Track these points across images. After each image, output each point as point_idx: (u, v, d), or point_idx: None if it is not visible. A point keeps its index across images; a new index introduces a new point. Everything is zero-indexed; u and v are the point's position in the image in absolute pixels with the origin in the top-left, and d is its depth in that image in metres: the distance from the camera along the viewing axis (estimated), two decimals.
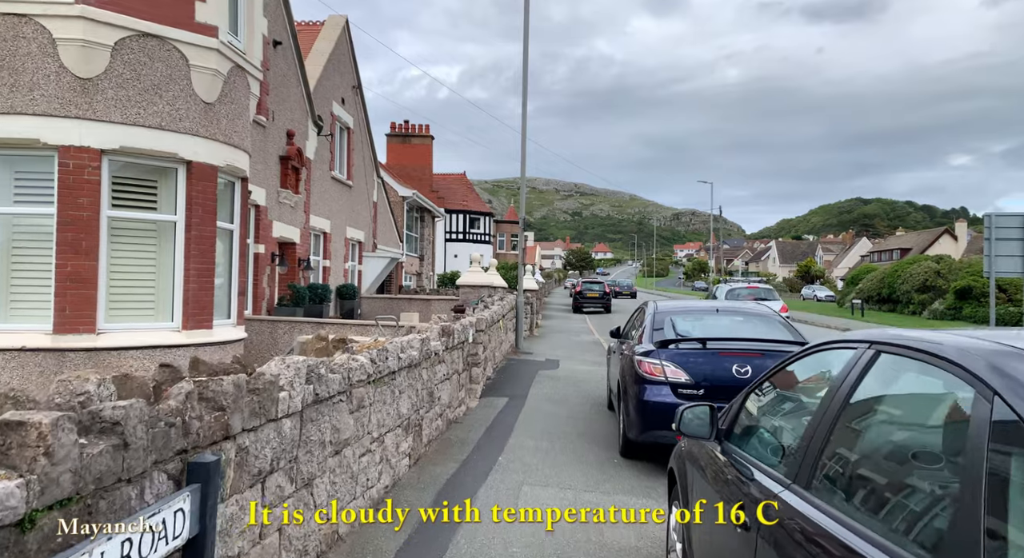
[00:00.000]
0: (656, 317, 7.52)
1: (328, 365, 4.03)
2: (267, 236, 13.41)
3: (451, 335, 8.00)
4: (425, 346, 6.52)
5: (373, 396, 4.98)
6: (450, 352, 8.12)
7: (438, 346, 7.21)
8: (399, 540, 4.60)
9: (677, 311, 7.82)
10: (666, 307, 7.93)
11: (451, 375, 8.15)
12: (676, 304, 8.37)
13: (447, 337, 7.79)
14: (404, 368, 5.81)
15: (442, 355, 7.58)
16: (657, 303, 8.13)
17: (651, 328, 7.30)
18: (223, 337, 9.05)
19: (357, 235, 20.92)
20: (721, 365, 6.50)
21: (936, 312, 33.88)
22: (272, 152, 13.61)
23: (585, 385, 12.04)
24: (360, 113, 21.36)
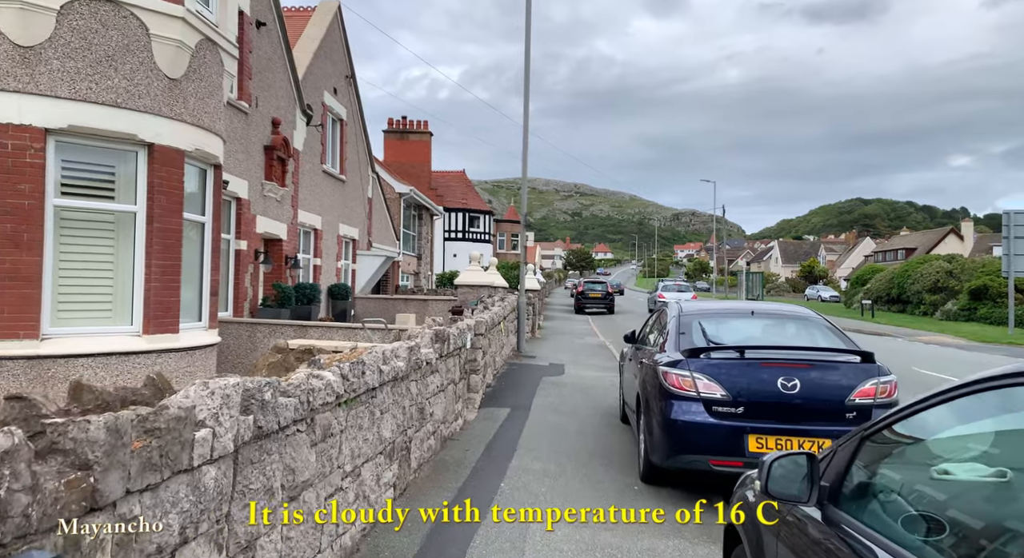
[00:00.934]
0: (682, 321, 6.55)
1: (277, 387, 3.06)
2: (250, 232, 12.43)
3: (446, 341, 7.02)
4: (414, 355, 5.55)
5: (345, 421, 4.01)
6: (445, 360, 7.15)
7: (430, 354, 6.23)
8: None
9: (705, 313, 6.85)
10: (692, 309, 6.95)
11: (446, 386, 7.18)
12: (703, 305, 7.39)
13: (441, 343, 6.81)
14: (388, 382, 4.84)
15: (435, 364, 6.61)
16: (681, 304, 7.16)
17: (677, 334, 6.33)
18: (191, 342, 8.07)
19: (351, 232, 19.95)
20: (763, 378, 5.53)
21: (949, 313, 32.93)
22: (255, 141, 12.65)
23: (593, 393, 11.06)
24: (354, 105, 20.39)
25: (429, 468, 6.27)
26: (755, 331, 6.55)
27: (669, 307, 7.38)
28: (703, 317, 6.67)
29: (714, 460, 5.45)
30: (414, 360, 5.54)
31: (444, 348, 6.94)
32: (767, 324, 6.69)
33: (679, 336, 6.29)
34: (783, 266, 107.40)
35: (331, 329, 10.26)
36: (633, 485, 6.14)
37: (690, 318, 6.60)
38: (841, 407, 5.41)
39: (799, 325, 6.56)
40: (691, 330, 6.35)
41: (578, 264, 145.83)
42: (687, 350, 5.85)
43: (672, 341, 6.27)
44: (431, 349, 6.34)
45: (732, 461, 5.40)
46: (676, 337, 6.29)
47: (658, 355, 6.30)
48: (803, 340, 6.26)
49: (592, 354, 17.20)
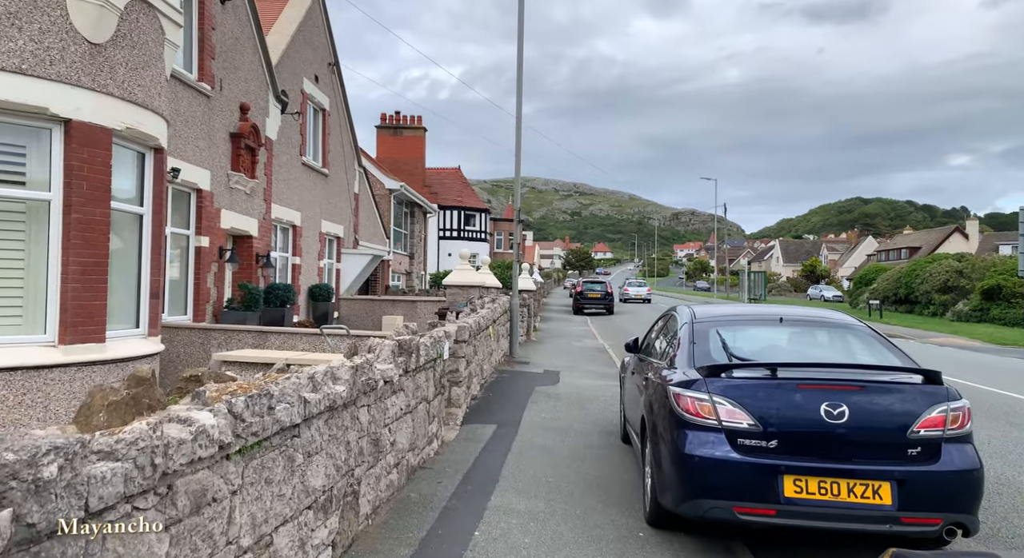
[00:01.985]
0: (696, 329, 5.42)
1: (81, 450, 1.92)
2: (213, 227, 11.29)
3: (414, 353, 5.89)
4: (363, 375, 4.42)
5: (241, 477, 2.88)
6: (413, 376, 6.01)
7: (390, 371, 5.10)
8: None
9: (724, 320, 5.71)
10: (707, 314, 5.81)
11: (415, 406, 6.04)
12: (719, 310, 6.24)
13: (407, 356, 5.68)
14: (319, 415, 3.71)
15: (399, 382, 5.48)
16: (694, 308, 6.02)
17: (690, 345, 5.20)
18: (123, 353, 6.94)
19: (335, 229, 18.82)
20: (802, 403, 4.40)
21: (960, 313, 31.81)
22: (219, 128, 11.50)
23: (591, 406, 9.94)
24: (338, 95, 19.25)
25: (388, 511, 5.13)
26: (786, 342, 5.42)
27: (679, 311, 6.25)
28: (721, 324, 5.53)
29: (740, 507, 4.32)
30: (363, 381, 4.41)
31: (411, 362, 5.81)
32: (800, 334, 5.56)
33: (693, 348, 5.16)
34: (784, 265, 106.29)
35: (294, 336, 9.12)
36: (638, 531, 5.01)
37: (706, 326, 5.47)
38: (902, 441, 4.28)
39: (839, 335, 5.43)
40: (708, 341, 5.22)
41: (577, 264, 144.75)
42: (705, 367, 4.72)
43: (685, 354, 5.14)
44: (391, 365, 5.20)
45: (763, 509, 4.28)
46: (689, 349, 5.16)
47: (668, 372, 5.17)
48: (847, 354, 5.13)
49: (590, 359, 16.07)
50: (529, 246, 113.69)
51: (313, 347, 8.94)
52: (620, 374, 8.34)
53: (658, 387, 5.18)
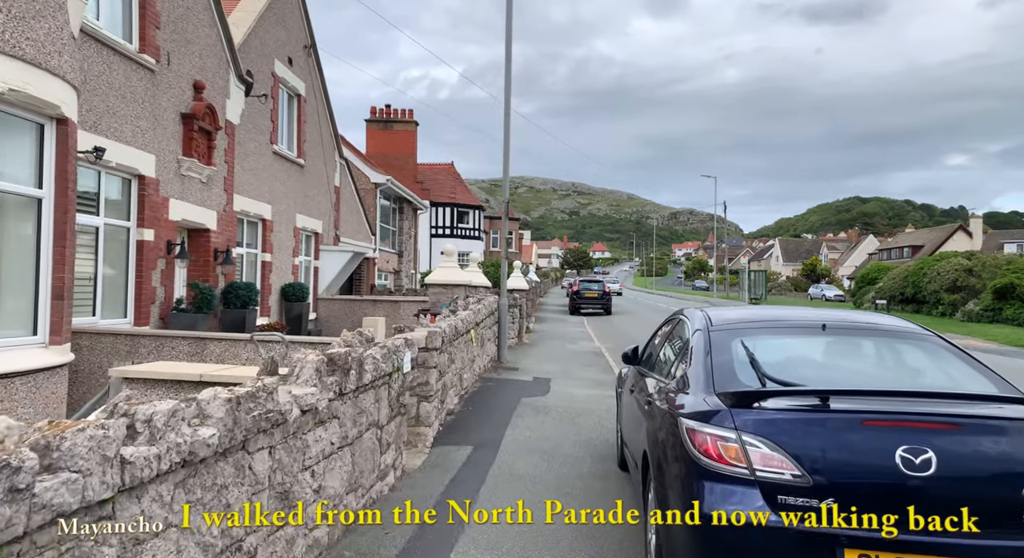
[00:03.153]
0: (714, 339, 4.16)
1: None
2: (159, 218, 10.02)
3: (353, 369, 4.63)
4: (253, 409, 3.16)
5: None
6: (355, 398, 4.76)
7: (311, 397, 3.85)
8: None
9: (749, 327, 4.42)
10: (726, 319, 4.54)
11: (356, 436, 4.79)
12: (740, 314, 4.96)
13: (342, 375, 4.42)
14: (163, 476, 2.46)
15: (329, 408, 4.22)
16: (708, 312, 4.74)
17: (707, 361, 3.94)
18: (13, 366, 5.68)
19: (312, 225, 17.55)
20: (868, 446, 3.16)
21: (971, 314, 30.62)
22: (167, 107, 10.23)
23: (584, 421, 8.68)
24: (316, 80, 17.98)
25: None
26: (832, 357, 4.17)
27: (688, 316, 4.98)
28: (746, 333, 4.26)
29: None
30: (255, 417, 3.15)
31: (349, 381, 4.55)
32: (849, 345, 4.28)
33: (711, 365, 3.90)
34: (784, 264, 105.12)
35: (237, 343, 7.84)
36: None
37: (726, 334, 4.21)
38: (1016, 503, 3.04)
39: (904, 347, 4.17)
40: (730, 355, 3.96)
41: (575, 263, 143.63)
42: (730, 393, 3.47)
43: (700, 373, 3.88)
44: (314, 388, 3.95)
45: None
46: (706, 367, 3.90)
47: (678, 396, 3.92)
48: (919, 375, 3.89)
49: (586, 364, 14.83)
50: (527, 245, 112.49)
51: (259, 356, 7.67)
52: (617, 388, 7.09)
53: (665, 416, 3.93)
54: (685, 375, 4.07)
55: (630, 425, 5.57)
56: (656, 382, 4.78)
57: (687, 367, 4.14)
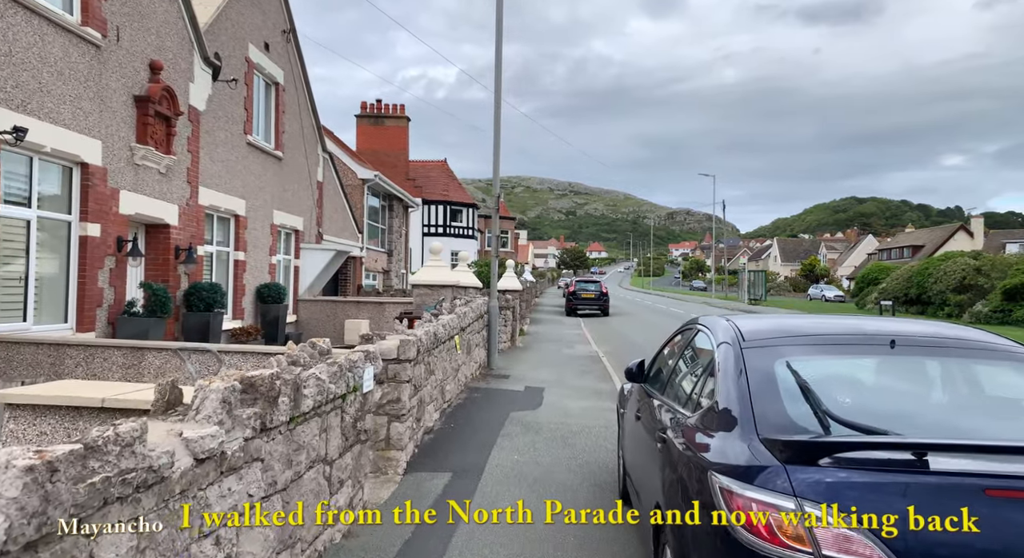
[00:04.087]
0: (749, 358, 3.13)
1: None
2: (107, 212, 8.99)
3: (285, 396, 3.62)
4: (106, 468, 2.14)
5: None
6: (290, 431, 3.75)
7: (211, 441, 2.84)
8: None
9: (793, 342, 3.36)
10: (761, 331, 3.51)
11: (287, 483, 3.77)
12: (776, 323, 3.93)
13: (266, 405, 3.41)
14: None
15: (249, 451, 3.21)
16: (736, 322, 3.72)
17: (743, 389, 2.93)
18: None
19: (291, 221, 16.52)
20: (994, 525, 2.18)
21: (979, 315, 29.71)
22: (117, 88, 9.20)
23: (580, 441, 7.67)
24: (296, 68, 16.96)
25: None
26: (917, 389, 3.16)
27: (710, 326, 3.96)
28: (790, 351, 3.22)
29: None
30: (96, 485, 2.14)
31: (278, 412, 3.54)
32: (937, 371, 3.25)
33: (749, 396, 2.89)
34: (782, 264, 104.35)
35: (181, 353, 6.80)
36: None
37: (764, 354, 3.18)
38: None
39: (1004, 370, 3.17)
40: (774, 383, 2.95)
41: (572, 263, 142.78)
42: (783, 442, 2.48)
43: (734, 407, 2.87)
44: (217, 427, 2.93)
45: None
46: (742, 398, 2.89)
47: (704, 436, 2.92)
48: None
49: (582, 370, 13.83)
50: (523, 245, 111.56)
51: (206, 369, 6.65)
52: (619, 408, 6.09)
53: (688, 464, 2.94)
54: (712, 407, 3.07)
55: (636, 457, 4.57)
56: (669, 409, 3.79)
57: (714, 396, 3.14)
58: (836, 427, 2.60)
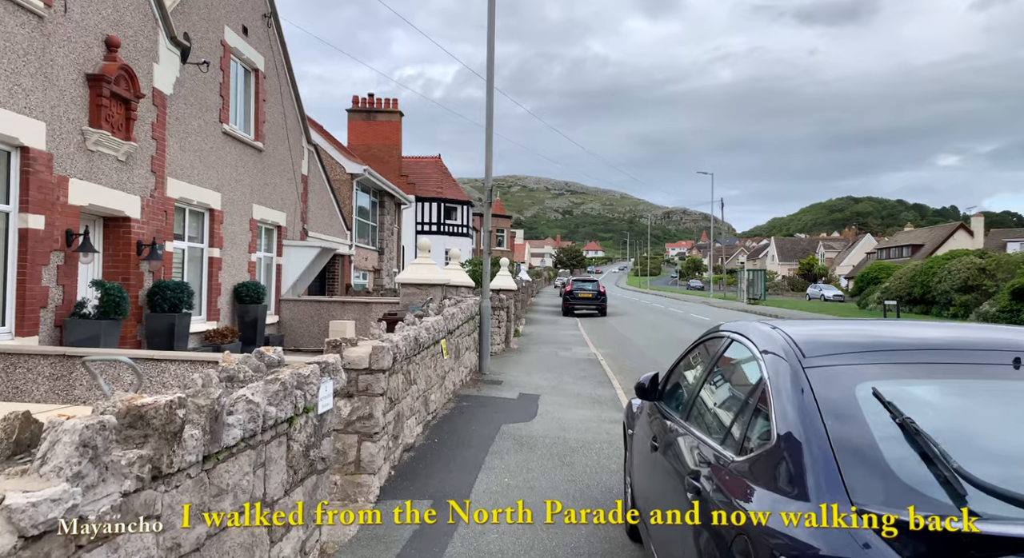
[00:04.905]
0: (817, 382, 2.26)
1: None
2: (52, 202, 8.09)
3: (197, 429, 2.74)
4: None
5: None
6: (206, 473, 2.87)
7: (62, 506, 1.96)
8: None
9: (876, 360, 2.50)
10: (823, 340, 2.62)
11: (198, 543, 2.88)
12: (839, 329, 3.03)
13: (165, 442, 2.53)
14: None
15: (127, 509, 2.33)
16: (786, 330, 2.84)
17: (817, 429, 2.06)
18: None
19: (273, 217, 15.61)
20: None
21: (986, 315, 28.96)
22: (65, 64, 8.30)
23: (580, 460, 6.80)
24: (278, 54, 16.05)
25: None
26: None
27: (751, 335, 3.05)
28: (875, 372, 2.36)
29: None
30: None
31: (184, 450, 2.66)
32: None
33: (827, 439, 2.02)
34: (780, 264, 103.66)
35: (89, 362, 5.90)
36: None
37: (841, 377, 2.30)
38: None
39: None
40: (860, 421, 2.09)
41: (569, 262, 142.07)
42: (913, 533, 1.61)
43: (807, 457, 2.00)
44: (67, 485, 2.05)
45: None
46: (818, 443, 2.02)
47: (763, 498, 2.05)
48: None
49: (580, 374, 12.96)
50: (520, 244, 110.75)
51: (151, 380, 5.77)
52: (626, 429, 5.22)
53: (739, 538, 2.07)
54: (769, 452, 2.20)
55: (653, 498, 3.70)
56: (699, 443, 2.92)
57: (768, 434, 2.28)
58: (976, 496, 1.72)
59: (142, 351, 6.78)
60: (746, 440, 2.48)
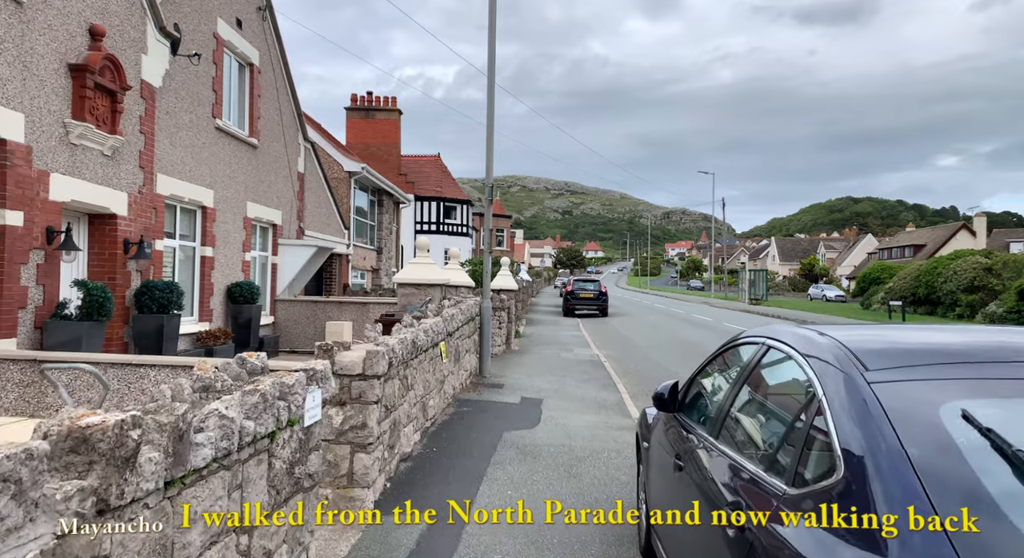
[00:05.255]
0: (887, 402, 1.89)
1: None
2: (31, 198, 7.70)
3: (156, 452, 2.36)
4: None
5: None
6: (169, 501, 2.48)
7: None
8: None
9: (950, 369, 2.14)
10: (881, 349, 2.27)
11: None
12: (896, 337, 2.69)
13: (114, 469, 2.14)
14: None
15: (55, 556, 1.94)
16: (835, 336, 2.46)
17: (899, 469, 1.68)
18: None
19: (268, 215, 15.23)
20: None
21: (993, 316, 28.60)
22: (44, 53, 7.91)
23: (587, 470, 6.41)
24: (274, 49, 15.67)
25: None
26: None
27: (793, 342, 2.68)
28: (958, 390, 1.99)
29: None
30: None
31: (140, 478, 2.28)
32: None
33: (914, 476, 1.65)
34: (781, 264, 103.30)
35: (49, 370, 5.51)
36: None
37: (919, 395, 1.93)
38: None
39: None
40: (955, 453, 1.72)
41: (568, 263, 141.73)
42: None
43: (891, 498, 1.64)
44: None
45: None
46: (901, 481, 1.65)
47: (835, 548, 1.67)
48: None
49: (584, 377, 12.58)
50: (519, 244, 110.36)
51: (129, 387, 5.39)
52: (640, 441, 4.83)
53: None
54: (833, 487, 1.83)
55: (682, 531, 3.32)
56: (734, 467, 2.55)
57: (832, 466, 1.90)
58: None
59: (120, 355, 6.40)
60: (800, 468, 2.10)
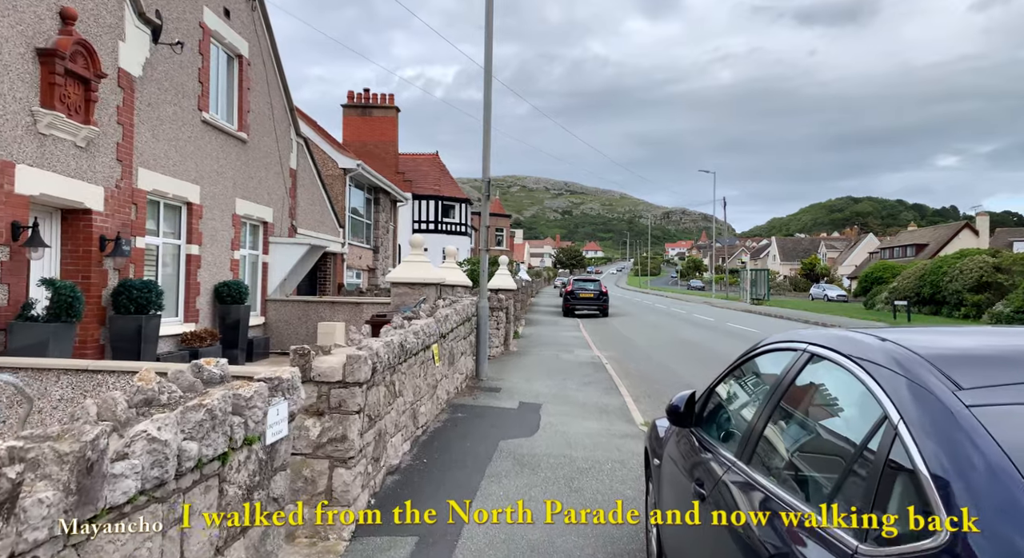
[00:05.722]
0: (994, 429, 1.43)
1: None
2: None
3: (34, 496, 1.86)
4: None
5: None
6: (74, 552, 1.99)
7: None
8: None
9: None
10: (965, 358, 1.82)
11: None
12: (975, 344, 2.23)
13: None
14: None
15: None
16: (899, 340, 1.98)
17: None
18: None
19: (258, 212, 14.73)
20: None
21: (1000, 315, 28.12)
22: (10, 35, 7.42)
23: (589, 484, 5.91)
24: (264, 41, 15.17)
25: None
26: None
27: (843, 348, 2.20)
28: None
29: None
30: None
31: (21, 526, 1.78)
32: None
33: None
34: (781, 264, 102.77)
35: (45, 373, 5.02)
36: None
37: (1015, 413, 1.48)
38: None
39: None
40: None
41: (568, 263, 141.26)
42: None
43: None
44: None
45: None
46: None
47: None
48: None
49: (584, 380, 12.09)
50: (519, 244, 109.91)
51: (85, 396, 4.90)
52: (648, 456, 4.33)
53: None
54: (939, 553, 1.33)
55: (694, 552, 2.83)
56: (777, 506, 2.06)
57: (929, 519, 1.41)
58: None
59: (76, 360, 5.91)
60: (873, 516, 1.61)
